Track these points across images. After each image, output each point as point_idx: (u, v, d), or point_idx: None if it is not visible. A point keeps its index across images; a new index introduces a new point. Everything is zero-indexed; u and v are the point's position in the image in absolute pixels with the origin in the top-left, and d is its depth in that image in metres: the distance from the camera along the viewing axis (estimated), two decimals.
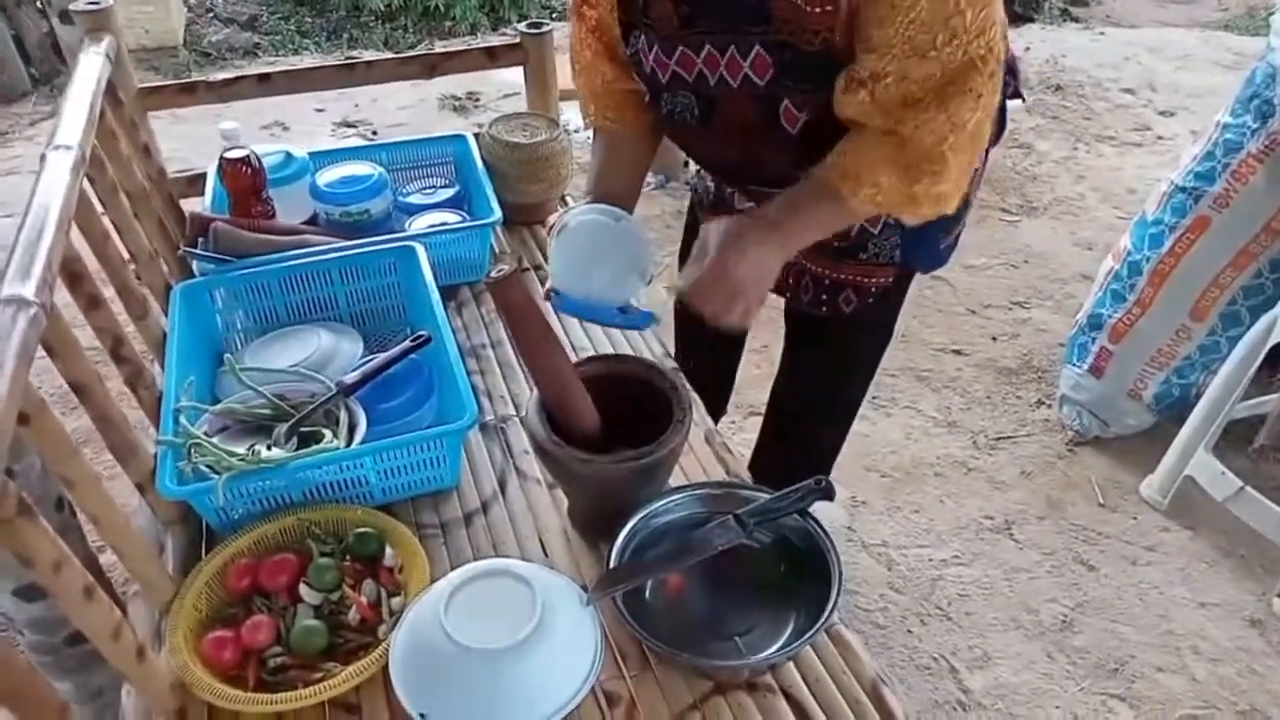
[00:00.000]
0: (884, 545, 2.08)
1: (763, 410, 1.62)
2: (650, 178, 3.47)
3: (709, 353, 1.69)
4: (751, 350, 1.83)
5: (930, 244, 1.28)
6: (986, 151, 1.27)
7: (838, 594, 0.99)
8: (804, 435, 1.58)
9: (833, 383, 1.49)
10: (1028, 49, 4.71)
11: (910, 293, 1.37)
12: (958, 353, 2.70)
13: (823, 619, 0.97)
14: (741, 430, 2.30)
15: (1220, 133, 2.01)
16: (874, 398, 2.50)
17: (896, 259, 1.26)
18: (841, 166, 1.01)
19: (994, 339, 2.76)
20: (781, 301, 1.40)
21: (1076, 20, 5.29)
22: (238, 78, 1.82)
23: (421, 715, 0.88)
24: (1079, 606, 1.94)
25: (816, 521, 1.06)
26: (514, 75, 1.93)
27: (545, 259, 1.71)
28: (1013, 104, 1.31)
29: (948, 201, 1.03)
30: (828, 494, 1.05)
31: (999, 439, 2.39)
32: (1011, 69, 1.28)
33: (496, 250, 1.70)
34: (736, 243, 1.02)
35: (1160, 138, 3.96)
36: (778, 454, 1.58)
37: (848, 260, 1.27)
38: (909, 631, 1.89)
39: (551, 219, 1.20)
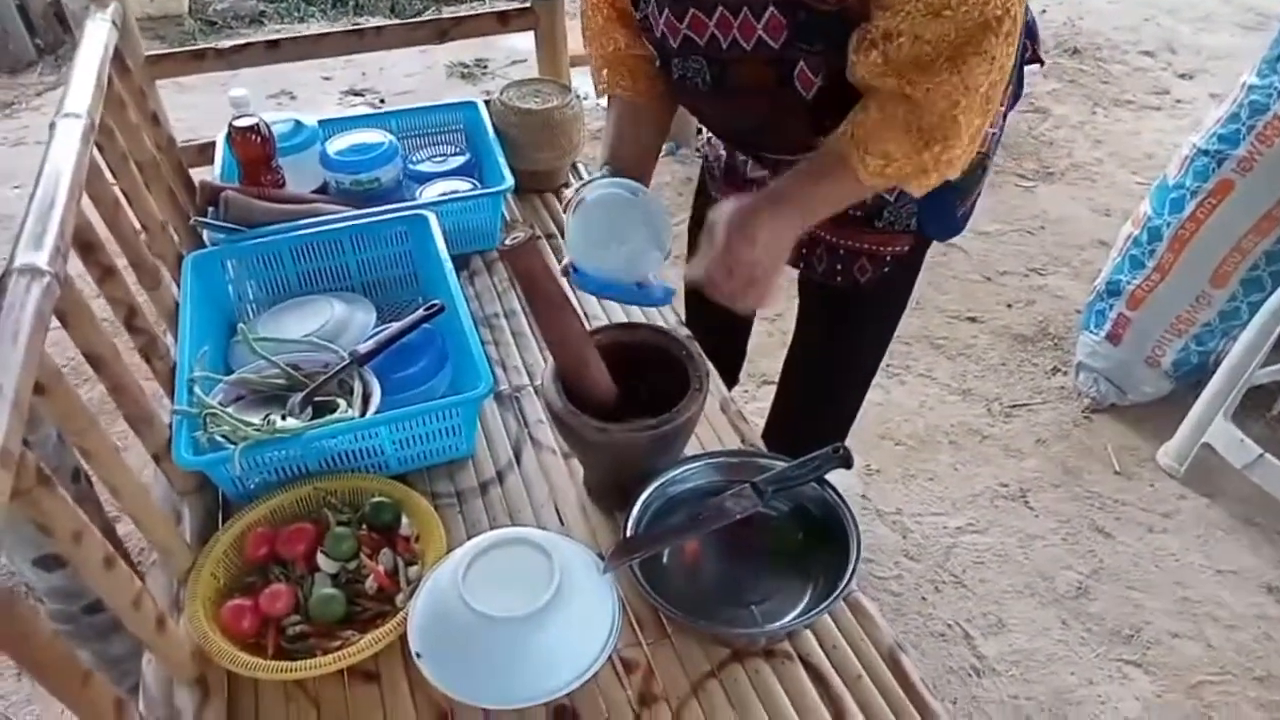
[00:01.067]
0: (898, 513, 2.07)
1: (776, 379, 1.61)
2: None
3: (721, 324, 1.67)
4: (764, 319, 1.82)
5: (947, 211, 1.26)
6: (1004, 115, 1.24)
7: (856, 562, 0.99)
8: (817, 404, 1.57)
9: (846, 352, 1.48)
10: (1044, 11, 4.62)
11: (925, 260, 1.36)
12: (973, 320, 2.68)
13: (841, 587, 0.96)
14: (755, 399, 2.30)
15: (1246, 94, 1.96)
16: (888, 365, 2.48)
17: (913, 227, 1.24)
18: (852, 135, 0.98)
19: (1010, 306, 2.73)
20: (795, 271, 1.38)
21: None
22: (246, 44, 1.81)
23: (418, 654, 0.90)
24: (1094, 573, 1.94)
25: (834, 489, 1.06)
26: (522, 41, 1.92)
27: (558, 226, 1.70)
28: (1029, 67, 1.28)
29: (955, 168, 1.01)
30: (846, 462, 1.04)
31: (1014, 406, 2.37)
32: (1031, 32, 1.24)
33: (508, 218, 1.69)
34: (745, 226, 0.99)
35: (1179, 101, 3.89)
36: (791, 423, 1.58)
37: (863, 228, 1.25)
38: (923, 599, 1.89)
39: (567, 194, 1.18)
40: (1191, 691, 1.73)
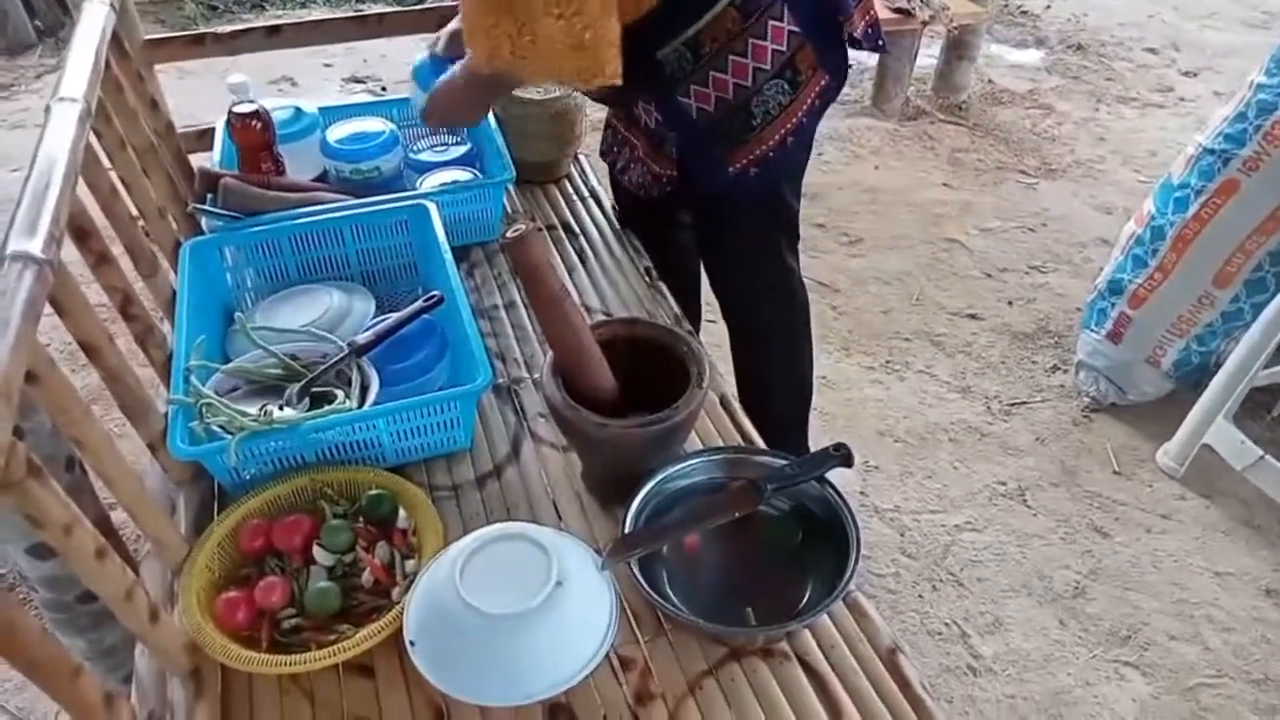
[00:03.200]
0: (896, 510, 2.07)
1: None
2: None
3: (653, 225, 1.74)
4: None
5: (706, 157, 1.35)
6: (818, 97, 1.33)
7: (855, 562, 0.98)
8: (744, 360, 1.68)
9: (730, 302, 1.62)
10: (1049, 6, 4.61)
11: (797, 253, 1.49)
12: (973, 317, 2.67)
13: (840, 587, 0.96)
14: None
15: (1254, 93, 1.95)
16: (888, 361, 2.47)
17: (673, 155, 1.40)
18: None
19: (1010, 303, 2.72)
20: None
21: None
22: (247, 29, 1.79)
23: (411, 642, 0.89)
24: (1092, 574, 1.93)
25: (835, 488, 1.05)
26: None
27: (559, 218, 1.69)
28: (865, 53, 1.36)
29: (532, 63, 1.08)
30: (847, 460, 1.04)
31: (1014, 404, 2.36)
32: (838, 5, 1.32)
33: (509, 209, 1.67)
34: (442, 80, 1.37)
35: (1183, 99, 3.88)
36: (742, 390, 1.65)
37: (654, 149, 1.43)
38: (920, 597, 1.88)
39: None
40: (1188, 694, 1.73)
